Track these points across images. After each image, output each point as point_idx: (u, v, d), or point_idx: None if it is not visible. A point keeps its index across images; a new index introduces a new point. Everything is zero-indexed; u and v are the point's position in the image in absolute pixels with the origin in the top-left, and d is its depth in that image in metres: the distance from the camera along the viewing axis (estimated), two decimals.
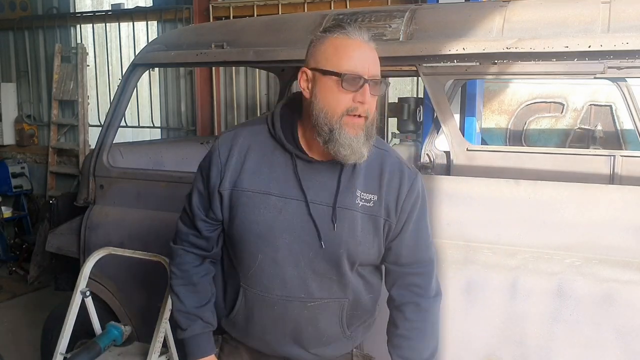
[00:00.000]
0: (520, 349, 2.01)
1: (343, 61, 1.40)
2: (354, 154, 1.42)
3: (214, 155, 1.55)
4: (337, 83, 1.40)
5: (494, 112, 4.28)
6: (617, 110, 3.94)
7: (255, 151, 1.52)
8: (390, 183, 1.53)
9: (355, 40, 1.42)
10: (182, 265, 1.65)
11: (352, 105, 1.41)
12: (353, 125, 1.41)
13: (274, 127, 1.53)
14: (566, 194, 2.02)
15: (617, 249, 1.92)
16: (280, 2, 5.12)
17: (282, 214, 1.48)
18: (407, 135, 4.20)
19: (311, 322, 1.57)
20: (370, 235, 1.53)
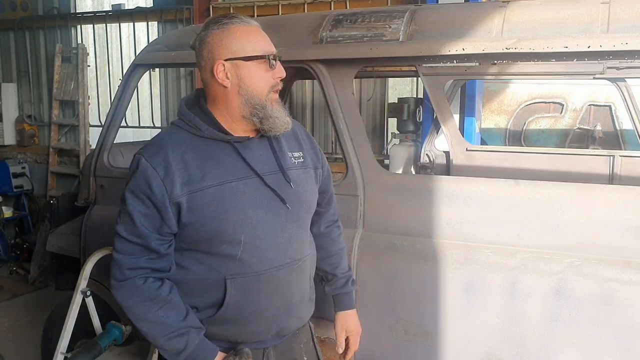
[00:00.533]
0: (520, 349, 2.01)
1: (258, 45, 1.56)
2: (284, 123, 1.60)
3: (148, 172, 1.52)
4: (263, 65, 1.55)
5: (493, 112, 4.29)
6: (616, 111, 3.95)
7: (190, 154, 1.56)
8: (304, 138, 1.79)
9: (252, 26, 1.58)
10: (145, 293, 1.55)
11: (274, 81, 1.59)
12: (276, 100, 1.60)
13: (198, 126, 1.59)
14: (566, 194, 2.02)
15: (617, 249, 1.93)
16: (281, 3, 5.13)
17: (247, 194, 1.57)
18: (407, 135, 4.21)
19: (297, 285, 1.69)
20: (312, 184, 1.75)
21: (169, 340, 1.55)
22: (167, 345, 1.56)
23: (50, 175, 6.48)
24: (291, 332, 1.76)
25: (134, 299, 1.55)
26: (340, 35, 2.34)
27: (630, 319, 1.87)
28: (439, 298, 2.11)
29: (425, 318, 2.14)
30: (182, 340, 1.54)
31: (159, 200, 1.52)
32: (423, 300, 2.14)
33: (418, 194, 2.20)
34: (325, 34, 2.36)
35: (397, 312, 2.19)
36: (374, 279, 2.22)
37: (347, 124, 2.33)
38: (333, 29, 2.36)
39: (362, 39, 2.29)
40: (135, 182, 1.54)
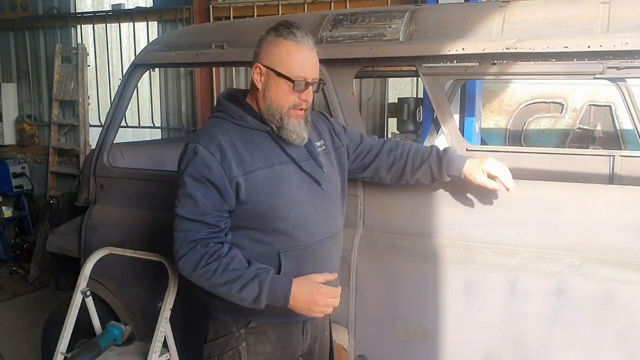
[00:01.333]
0: (520, 349, 2.01)
1: (295, 67, 1.71)
2: (299, 137, 1.78)
3: (207, 157, 1.70)
4: (289, 86, 1.72)
5: (493, 112, 4.28)
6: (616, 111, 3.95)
7: (238, 141, 1.76)
8: (322, 126, 2.00)
9: (304, 47, 1.73)
10: (209, 255, 1.69)
11: (298, 102, 1.75)
12: (297, 116, 1.77)
13: (243, 117, 1.79)
14: (566, 194, 2.02)
15: (617, 249, 1.93)
16: (281, 3, 5.13)
17: (291, 175, 1.79)
18: (407, 135, 4.21)
19: (337, 256, 1.94)
20: (335, 167, 1.95)
21: (243, 289, 1.66)
22: (245, 295, 1.66)
23: (50, 175, 6.48)
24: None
25: (200, 263, 1.69)
26: (340, 35, 2.34)
27: (630, 319, 1.87)
28: (439, 298, 2.11)
29: (425, 318, 2.14)
30: (254, 284, 1.66)
31: (220, 181, 1.70)
32: (423, 300, 2.14)
33: (418, 193, 2.20)
34: (325, 34, 2.36)
35: (397, 312, 2.19)
36: (374, 279, 2.22)
37: (347, 124, 2.33)
38: (333, 29, 2.36)
39: (362, 39, 2.29)
40: (194, 167, 1.71)
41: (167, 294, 2.22)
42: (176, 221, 1.74)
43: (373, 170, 2.11)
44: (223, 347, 1.82)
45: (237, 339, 1.81)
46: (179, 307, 2.27)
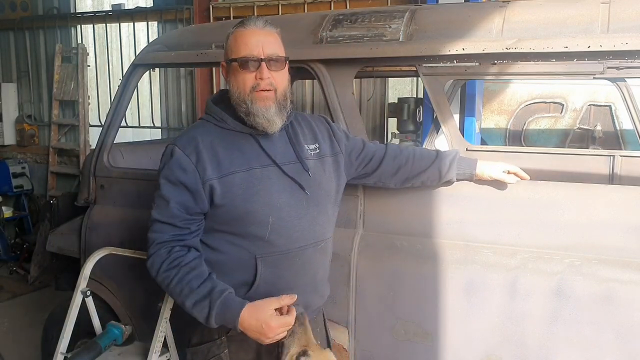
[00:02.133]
0: (520, 349, 2.01)
1: (240, 48, 1.70)
2: (269, 122, 1.72)
3: (182, 160, 1.70)
4: (239, 67, 1.70)
5: (493, 112, 4.28)
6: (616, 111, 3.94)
7: (219, 144, 1.74)
8: (321, 130, 1.95)
9: (250, 29, 1.72)
10: (169, 260, 1.69)
11: (255, 82, 1.70)
12: (262, 98, 1.70)
13: (225, 119, 1.78)
14: (566, 194, 2.02)
15: (617, 249, 1.93)
16: (281, 3, 5.13)
17: (271, 179, 1.74)
18: (407, 135, 4.20)
19: (321, 264, 1.88)
20: (330, 172, 1.90)
21: (194, 306, 1.64)
22: (197, 313, 1.65)
23: (50, 175, 6.48)
24: (313, 309, 1.90)
25: (161, 268, 1.69)
26: (340, 35, 2.34)
27: (630, 319, 1.87)
28: (439, 298, 2.11)
29: (425, 318, 2.14)
30: (204, 303, 1.63)
31: (192, 184, 1.69)
32: (423, 300, 2.14)
33: (418, 194, 2.20)
34: (325, 34, 2.36)
35: (397, 312, 2.19)
36: (374, 279, 2.22)
37: (347, 124, 2.33)
38: (333, 29, 2.36)
39: (362, 39, 2.29)
40: (169, 169, 1.72)
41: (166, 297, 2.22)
42: (150, 222, 1.76)
43: (377, 177, 2.09)
44: (205, 354, 1.80)
45: (218, 346, 1.79)
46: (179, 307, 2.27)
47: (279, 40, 1.77)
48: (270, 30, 1.74)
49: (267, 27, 1.74)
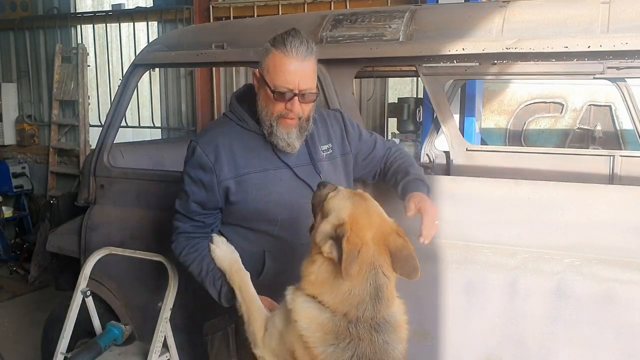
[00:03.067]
0: (520, 349, 2.01)
1: (277, 77, 1.74)
2: (289, 146, 1.82)
3: (202, 158, 1.82)
4: (271, 94, 1.75)
5: (493, 112, 4.28)
6: (616, 111, 3.94)
7: (237, 144, 1.84)
8: (335, 128, 2.01)
9: (291, 59, 1.72)
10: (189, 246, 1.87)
11: (284, 112, 1.77)
12: (286, 125, 1.79)
13: (245, 120, 1.87)
14: (566, 194, 2.02)
15: (617, 249, 1.93)
16: (281, 3, 5.13)
17: (284, 181, 1.84)
18: (407, 135, 4.20)
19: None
20: (341, 174, 1.97)
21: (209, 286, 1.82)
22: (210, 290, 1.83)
23: (50, 175, 6.48)
24: None
25: (183, 252, 1.88)
26: (340, 35, 2.34)
27: (630, 319, 1.87)
28: (439, 298, 2.11)
29: (425, 318, 2.14)
30: (217, 284, 1.81)
31: (209, 183, 1.82)
32: (423, 300, 2.14)
33: None
34: (325, 34, 2.36)
35: None
36: None
37: None
38: (333, 29, 2.36)
39: (362, 39, 2.29)
40: (190, 166, 1.86)
41: (167, 294, 2.22)
42: (174, 209, 1.92)
43: (377, 177, 2.15)
44: (216, 327, 1.95)
45: (226, 321, 1.92)
46: (179, 307, 2.27)
47: (315, 71, 1.80)
48: (310, 59, 1.76)
49: (308, 58, 1.75)
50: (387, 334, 1.48)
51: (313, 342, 1.44)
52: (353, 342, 1.43)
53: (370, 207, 1.55)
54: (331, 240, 1.44)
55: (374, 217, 1.52)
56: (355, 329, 1.44)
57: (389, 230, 1.52)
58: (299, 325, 1.47)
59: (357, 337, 1.44)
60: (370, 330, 1.45)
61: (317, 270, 1.47)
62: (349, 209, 1.49)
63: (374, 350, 1.45)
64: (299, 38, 1.73)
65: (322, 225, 1.49)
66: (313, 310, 1.46)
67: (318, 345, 1.44)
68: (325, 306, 1.45)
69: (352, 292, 1.44)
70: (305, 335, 1.45)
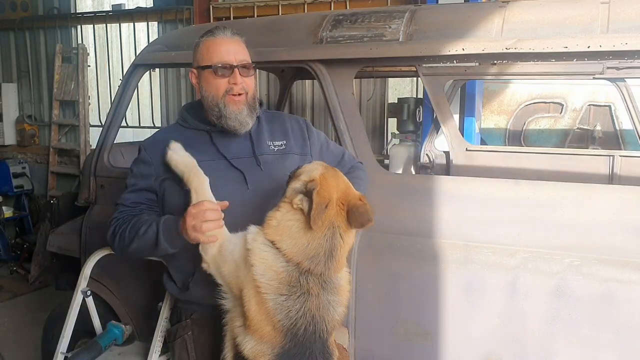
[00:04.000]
0: (520, 349, 2.01)
1: (213, 56, 1.83)
2: (241, 124, 1.85)
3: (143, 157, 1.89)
4: (212, 73, 1.82)
5: (493, 112, 4.29)
6: (616, 111, 3.95)
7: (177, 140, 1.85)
8: (294, 130, 2.03)
9: (220, 38, 1.85)
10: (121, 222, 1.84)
11: (228, 86, 1.82)
12: (234, 102, 1.83)
13: (185, 120, 1.95)
14: (566, 194, 2.02)
15: (617, 249, 1.93)
16: (281, 3, 5.13)
17: (217, 171, 1.83)
18: (407, 135, 4.20)
19: None
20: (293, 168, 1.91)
21: (145, 233, 1.75)
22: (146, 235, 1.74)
23: (51, 175, 6.48)
24: None
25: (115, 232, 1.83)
26: (340, 35, 2.34)
27: (630, 319, 1.87)
28: (439, 298, 2.11)
29: (425, 318, 2.14)
30: (153, 225, 1.75)
31: (148, 174, 1.86)
32: (423, 300, 2.14)
33: (418, 194, 2.21)
34: (325, 34, 2.36)
35: (397, 312, 2.19)
36: (374, 279, 2.22)
37: (347, 124, 2.33)
38: (333, 29, 2.37)
39: (362, 39, 2.29)
40: (134, 164, 1.92)
41: (167, 293, 2.22)
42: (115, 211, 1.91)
43: None
44: (174, 334, 1.94)
45: (184, 327, 1.92)
46: None
47: (245, 48, 1.90)
48: (237, 38, 1.88)
49: (235, 36, 1.88)
50: (332, 294, 1.58)
51: (265, 289, 1.53)
52: (303, 296, 1.53)
53: (339, 175, 1.66)
54: (301, 195, 1.55)
55: (341, 182, 1.64)
56: (306, 281, 1.54)
57: (352, 195, 1.63)
58: (254, 270, 1.54)
59: (307, 290, 1.53)
60: (319, 285, 1.55)
61: (280, 218, 1.58)
62: (319, 171, 1.62)
63: (318, 306, 1.55)
64: (222, 26, 1.89)
65: (293, 183, 1.61)
66: (269, 255, 1.55)
67: (270, 292, 1.52)
68: (282, 253, 1.54)
69: (309, 245, 1.54)
70: (260, 281, 1.53)
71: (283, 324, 1.52)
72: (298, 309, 1.52)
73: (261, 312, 1.53)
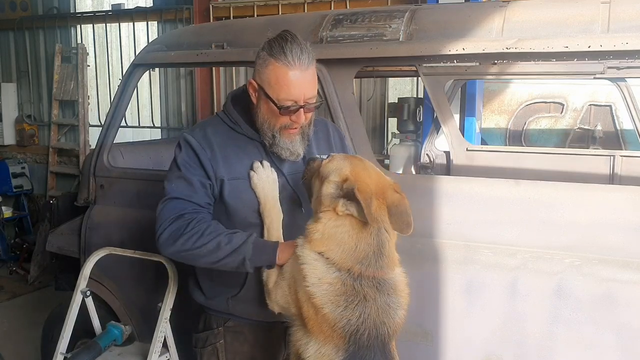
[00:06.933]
0: (520, 349, 2.01)
1: (281, 91, 1.64)
2: (292, 154, 1.76)
3: (199, 150, 1.74)
4: (276, 109, 1.67)
5: (493, 112, 4.29)
6: (616, 110, 3.95)
7: (231, 146, 1.78)
8: (336, 140, 1.99)
9: (294, 71, 1.63)
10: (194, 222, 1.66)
11: (288, 123, 1.70)
12: (289, 135, 1.74)
13: (238, 123, 1.80)
14: (566, 194, 2.02)
15: (617, 249, 1.92)
16: (281, 3, 5.13)
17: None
18: (407, 135, 4.21)
19: None
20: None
21: (232, 238, 1.64)
22: (234, 240, 1.63)
23: (50, 175, 6.48)
24: None
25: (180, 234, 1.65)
26: (340, 35, 2.33)
27: (630, 319, 1.87)
28: (439, 298, 2.11)
29: (425, 318, 2.14)
30: (243, 234, 1.66)
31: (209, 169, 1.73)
32: (423, 300, 2.14)
33: (418, 194, 2.20)
34: (325, 33, 2.36)
35: None
36: None
37: (347, 124, 2.33)
38: (333, 28, 2.36)
39: (362, 38, 2.29)
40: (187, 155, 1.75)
41: (167, 294, 2.22)
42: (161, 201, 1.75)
43: None
44: (204, 341, 1.88)
45: (215, 335, 1.86)
46: (179, 307, 2.27)
47: (316, 77, 1.72)
48: (312, 68, 1.67)
49: (310, 65, 1.66)
50: (389, 296, 1.52)
51: (322, 302, 1.47)
52: (360, 304, 1.47)
53: (367, 164, 1.60)
54: (342, 199, 1.48)
55: (372, 173, 1.57)
56: (361, 286, 1.47)
57: (386, 186, 1.56)
58: (308, 283, 1.48)
59: (363, 296, 1.47)
60: (374, 289, 1.49)
61: (323, 228, 1.50)
62: (348, 167, 1.54)
63: (377, 311, 1.49)
64: (298, 45, 1.63)
65: (325, 187, 1.52)
66: (321, 266, 1.49)
67: (327, 304, 1.47)
68: (332, 262, 1.49)
69: (357, 247, 1.48)
70: (315, 295, 1.47)
71: (345, 330, 1.47)
72: (358, 317, 1.47)
73: (321, 319, 1.48)
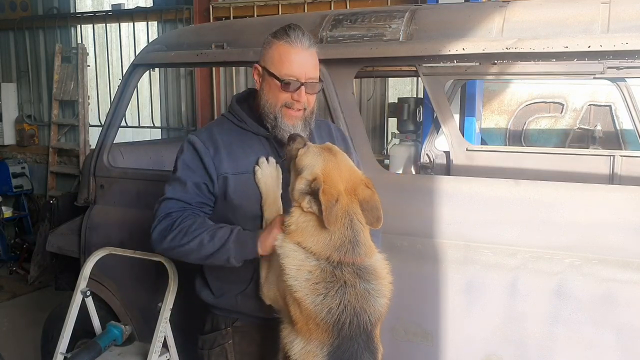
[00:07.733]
0: (520, 349, 2.01)
1: (284, 67, 1.72)
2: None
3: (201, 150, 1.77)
4: (278, 85, 1.73)
5: (493, 112, 4.29)
6: (616, 111, 3.95)
7: (237, 143, 1.81)
8: (338, 140, 2.00)
9: (296, 48, 1.72)
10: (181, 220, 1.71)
11: (290, 101, 1.75)
12: (290, 116, 1.76)
13: (244, 120, 1.83)
14: (566, 194, 2.02)
15: (617, 249, 1.92)
16: (281, 3, 5.13)
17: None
18: (407, 135, 4.20)
19: None
20: None
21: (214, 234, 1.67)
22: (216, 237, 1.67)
23: (50, 175, 6.48)
24: None
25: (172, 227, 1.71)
26: (340, 35, 2.34)
27: (630, 319, 1.87)
28: (439, 298, 2.11)
29: (425, 318, 2.14)
30: (226, 228, 1.68)
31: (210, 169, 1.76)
32: (423, 300, 2.14)
33: (418, 194, 2.20)
34: (325, 33, 2.36)
35: (397, 312, 2.18)
36: None
37: (347, 124, 2.33)
38: (333, 28, 2.36)
39: (362, 38, 2.29)
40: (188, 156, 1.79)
41: (167, 294, 2.22)
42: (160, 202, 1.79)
43: None
44: (212, 342, 1.89)
45: (223, 336, 1.87)
46: (179, 307, 2.27)
47: (317, 62, 1.80)
48: (313, 50, 1.76)
49: (312, 47, 1.76)
50: (368, 282, 1.55)
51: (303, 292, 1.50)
52: (341, 289, 1.50)
53: (339, 160, 1.63)
54: (309, 196, 1.53)
55: (344, 170, 1.60)
56: (342, 272, 1.51)
57: (358, 182, 1.61)
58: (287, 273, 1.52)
59: (343, 282, 1.50)
60: (354, 274, 1.52)
61: (295, 221, 1.56)
62: (320, 165, 1.58)
63: (357, 297, 1.52)
64: (300, 30, 1.74)
65: (297, 183, 1.58)
66: (300, 255, 1.53)
67: (308, 294, 1.50)
68: (310, 252, 1.53)
69: (332, 238, 1.53)
70: (294, 285, 1.51)
71: (327, 321, 1.49)
72: (338, 304, 1.49)
73: (304, 314, 1.51)
